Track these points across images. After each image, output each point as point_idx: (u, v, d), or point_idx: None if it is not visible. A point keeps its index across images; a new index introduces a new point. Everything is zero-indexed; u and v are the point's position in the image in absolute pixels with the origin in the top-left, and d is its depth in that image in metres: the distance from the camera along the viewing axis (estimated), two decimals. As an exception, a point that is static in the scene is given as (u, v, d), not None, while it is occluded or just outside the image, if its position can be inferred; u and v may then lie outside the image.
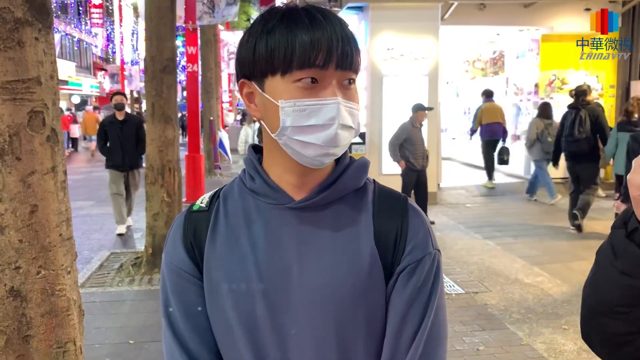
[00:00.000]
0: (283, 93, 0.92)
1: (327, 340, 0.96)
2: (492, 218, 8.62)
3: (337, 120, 0.91)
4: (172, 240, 1.04)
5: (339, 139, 0.92)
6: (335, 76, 0.92)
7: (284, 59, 0.90)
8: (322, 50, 0.90)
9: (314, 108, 0.91)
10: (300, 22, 0.91)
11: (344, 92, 0.94)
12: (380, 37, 9.54)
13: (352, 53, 0.93)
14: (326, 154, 0.93)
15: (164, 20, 5.95)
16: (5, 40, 1.93)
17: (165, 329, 1.01)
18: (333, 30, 0.91)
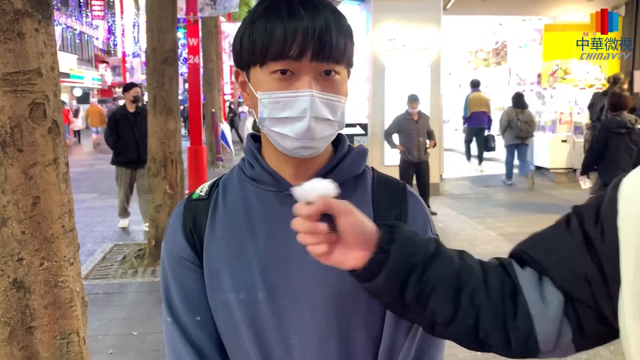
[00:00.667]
0: (262, 84, 0.93)
1: (327, 324, 0.97)
2: (495, 209, 8.62)
3: (309, 112, 0.90)
4: (172, 229, 1.05)
5: (313, 131, 0.91)
6: (311, 68, 0.91)
7: (261, 50, 0.91)
8: (295, 41, 0.89)
9: (288, 100, 0.91)
10: (279, 12, 0.90)
11: (323, 84, 0.92)
12: (381, 27, 9.50)
13: (333, 44, 0.91)
14: (303, 147, 0.93)
15: (165, 12, 5.93)
16: (5, 32, 1.92)
17: (166, 316, 1.02)
18: (311, 21, 0.89)
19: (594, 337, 0.85)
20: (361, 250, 0.85)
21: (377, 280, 0.86)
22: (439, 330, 0.89)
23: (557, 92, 10.93)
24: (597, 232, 0.80)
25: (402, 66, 9.53)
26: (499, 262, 0.92)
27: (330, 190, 0.84)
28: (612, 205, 0.78)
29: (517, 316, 0.85)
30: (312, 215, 0.82)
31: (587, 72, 10.98)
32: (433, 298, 0.86)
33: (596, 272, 0.80)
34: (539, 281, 0.87)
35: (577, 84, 10.93)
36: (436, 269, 0.87)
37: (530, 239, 0.91)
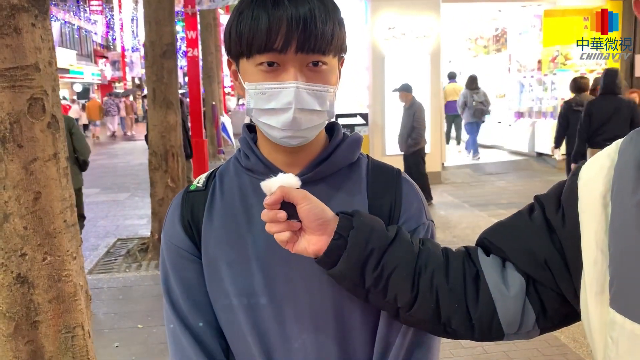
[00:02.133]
0: (250, 75, 0.94)
1: (324, 312, 0.98)
2: (497, 196, 8.62)
3: (294, 104, 0.90)
4: (170, 220, 1.06)
5: (298, 122, 0.92)
6: (296, 59, 0.91)
7: (247, 42, 0.91)
8: (279, 33, 0.88)
9: (273, 92, 0.92)
10: (265, 4, 0.90)
11: (309, 75, 0.92)
12: (380, 16, 9.46)
13: (318, 34, 0.90)
14: (290, 137, 0.94)
15: (163, 4, 5.91)
16: (1, 27, 1.92)
17: (167, 306, 1.03)
18: (295, 11, 0.88)
19: (557, 319, 0.87)
20: (322, 236, 0.90)
21: (338, 266, 0.90)
22: (403, 316, 0.93)
23: (557, 78, 10.89)
24: (558, 218, 0.83)
25: (402, 55, 9.50)
26: (465, 249, 0.96)
27: (292, 182, 0.90)
28: (572, 191, 0.81)
29: (479, 299, 0.88)
30: (272, 204, 0.88)
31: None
32: (392, 282, 0.90)
33: (557, 257, 0.83)
34: (502, 267, 0.90)
35: (577, 69, 10.88)
36: (394, 253, 0.90)
37: (494, 227, 0.95)
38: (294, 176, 0.91)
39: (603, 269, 0.74)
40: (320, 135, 1.02)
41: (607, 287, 0.73)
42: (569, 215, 0.81)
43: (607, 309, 0.72)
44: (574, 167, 0.84)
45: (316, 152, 1.02)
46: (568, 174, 0.87)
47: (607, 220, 0.74)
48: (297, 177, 0.91)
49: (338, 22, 0.94)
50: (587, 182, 0.79)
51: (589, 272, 0.76)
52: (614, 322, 0.70)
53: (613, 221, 0.74)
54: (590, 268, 0.75)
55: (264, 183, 0.90)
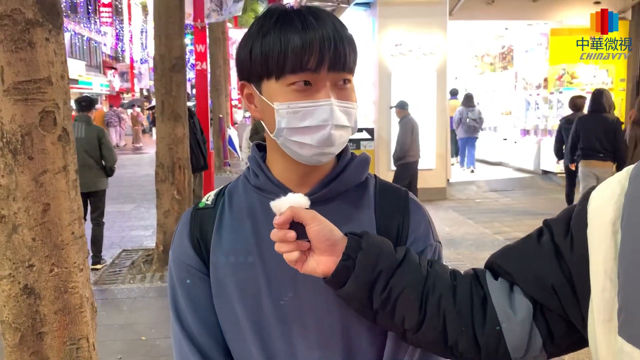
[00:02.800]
0: (278, 96, 0.94)
1: (332, 331, 0.99)
2: (502, 213, 8.59)
3: (331, 121, 0.93)
4: (179, 237, 1.06)
5: (333, 139, 0.94)
6: (328, 78, 0.93)
7: (277, 63, 0.92)
8: (313, 53, 0.91)
9: (308, 110, 0.93)
10: (292, 25, 0.92)
11: (338, 93, 0.95)
12: (388, 32, 9.52)
13: (346, 54, 0.94)
14: (322, 153, 0.96)
15: (173, 18, 5.98)
16: (16, 41, 1.96)
17: (174, 323, 1.04)
18: (325, 32, 0.92)
19: (564, 344, 0.87)
20: (330, 256, 0.91)
21: (347, 287, 0.90)
22: (410, 338, 0.93)
23: (563, 97, 10.89)
24: (566, 243, 0.83)
25: (408, 71, 9.55)
26: (474, 272, 0.95)
27: (302, 202, 0.91)
28: (581, 217, 0.81)
29: (486, 323, 0.88)
30: (281, 224, 0.89)
31: (594, 76, 10.94)
32: (399, 304, 0.90)
33: (565, 283, 0.82)
34: (510, 291, 0.89)
35: (584, 88, 10.89)
36: (402, 275, 0.91)
37: (502, 250, 0.94)
38: (304, 196, 0.91)
39: (612, 297, 0.73)
40: None
41: (616, 315, 0.72)
42: (578, 241, 0.80)
43: (615, 337, 0.71)
44: (584, 192, 0.84)
45: (325, 172, 1.03)
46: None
47: (616, 247, 0.74)
48: (306, 197, 0.92)
49: (355, 43, 0.98)
50: (597, 209, 0.78)
51: (597, 299, 0.75)
52: (622, 350, 0.70)
53: (623, 249, 0.73)
54: (599, 295, 0.75)
55: (273, 203, 0.91)
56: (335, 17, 0.98)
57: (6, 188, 2.02)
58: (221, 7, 10.13)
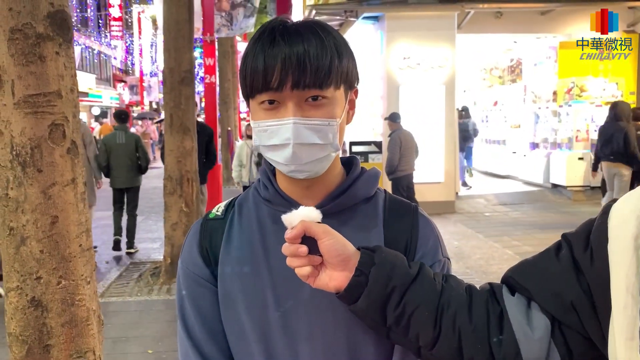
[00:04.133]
0: (255, 114, 0.98)
1: (338, 344, 0.99)
2: (511, 227, 8.54)
3: (292, 140, 0.93)
4: (188, 247, 1.07)
5: (298, 157, 0.94)
6: (293, 96, 0.92)
7: (250, 83, 0.94)
8: (275, 72, 0.91)
9: (273, 128, 0.94)
10: (265, 44, 0.93)
11: (308, 110, 0.94)
12: (396, 46, 9.55)
13: (315, 70, 0.91)
14: (295, 171, 0.96)
15: (182, 32, 6.03)
16: (27, 55, 1.97)
17: (181, 333, 1.04)
18: (291, 50, 0.91)
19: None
20: (343, 271, 0.89)
21: (360, 303, 0.89)
22: (425, 354, 0.91)
23: (573, 110, 10.87)
24: (586, 258, 0.81)
25: (417, 84, 9.56)
26: (490, 287, 0.93)
27: (313, 215, 0.90)
28: (601, 231, 0.78)
29: (503, 340, 0.85)
30: (293, 238, 0.88)
31: (603, 89, 10.91)
32: (414, 320, 0.88)
33: (584, 299, 0.80)
34: (527, 307, 0.87)
35: (593, 101, 10.86)
36: (416, 292, 0.89)
37: (519, 265, 0.92)
38: (315, 209, 0.91)
39: (634, 314, 0.71)
40: (336, 168, 1.04)
41: (638, 332, 0.70)
42: (598, 256, 0.78)
43: (637, 355, 0.70)
44: (604, 205, 0.82)
45: (333, 186, 1.03)
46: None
47: (638, 263, 0.72)
48: (318, 210, 0.91)
49: (339, 54, 0.95)
50: (618, 224, 0.76)
51: (618, 317, 0.73)
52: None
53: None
54: (620, 312, 0.73)
55: (285, 217, 0.90)
56: (324, 28, 0.96)
57: (15, 200, 2.03)
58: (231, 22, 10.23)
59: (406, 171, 7.98)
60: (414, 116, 9.38)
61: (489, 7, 10.09)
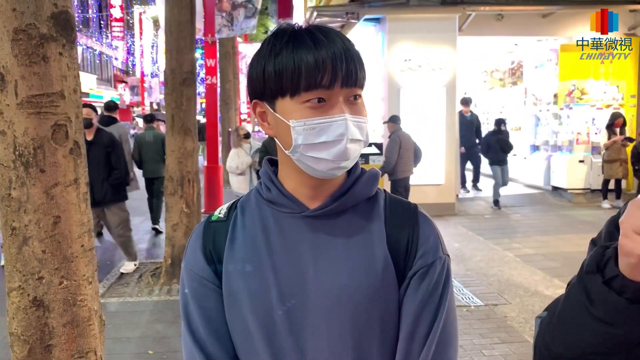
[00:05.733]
0: (293, 113, 0.96)
1: (343, 343, 1.00)
2: (512, 229, 8.54)
3: (347, 135, 0.95)
4: (192, 249, 1.08)
5: (349, 152, 0.96)
6: (341, 94, 0.96)
7: (292, 82, 0.94)
8: (327, 70, 0.93)
9: (324, 126, 0.95)
10: (304, 44, 0.94)
11: (351, 108, 0.97)
12: (397, 48, 9.56)
13: (357, 70, 0.96)
14: (337, 167, 0.98)
15: (184, 33, 6.03)
16: (30, 56, 1.98)
17: (186, 335, 1.04)
18: (336, 50, 0.94)
19: None
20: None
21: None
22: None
23: (573, 113, 10.87)
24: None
25: (418, 86, 9.57)
26: None
27: None
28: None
29: None
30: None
31: (604, 92, 10.91)
32: None
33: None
34: None
35: (594, 104, 10.86)
36: None
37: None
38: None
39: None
40: None
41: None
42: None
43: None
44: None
45: (336, 186, 1.05)
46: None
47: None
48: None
49: (362, 59, 1.00)
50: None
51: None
52: None
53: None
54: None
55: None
56: (343, 35, 1.00)
57: (17, 200, 2.04)
58: (232, 22, 10.23)
59: (404, 174, 7.96)
60: (415, 118, 9.38)
61: (490, 10, 10.09)
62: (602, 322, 0.66)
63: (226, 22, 10.45)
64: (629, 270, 0.64)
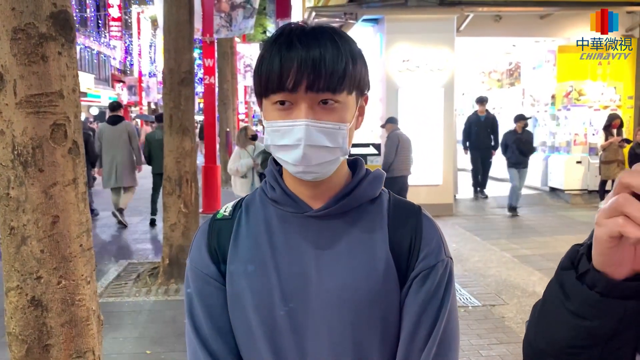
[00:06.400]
0: (268, 113, 0.99)
1: (343, 342, 1.00)
2: (509, 230, 8.55)
3: (304, 141, 0.95)
4: (197, 247, 1.09)
5: (308, 158, 0.96)
6: (307, 98, 0.95)
7: (266, 82, 0.96)
8: (290, 74, 0.93)
9: (285, 129, 0.96)
10: (282, 46, 0.95)
11: (320, 113, 0.96)
12: (395, 48, 9.56)
13: (327, 74, 0.93)
14: (304, 172, 0.98)
15: (182, 33, 6.03)
16: (29, 55, 1.98)
17: (190, 331, 1.05)
18: (306, 54, 0.93)
19: None
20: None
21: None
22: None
23: (571, 114, 10.89)
24: None
25: (416, 87, 9.57)
26: None
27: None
28: None
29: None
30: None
31: (601, 93, 10.93)
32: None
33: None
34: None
35: (591, 105, 10.89)
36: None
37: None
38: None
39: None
40: (342, 170, 1.06)
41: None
42: None
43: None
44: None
45: (339, 187, 1.05)
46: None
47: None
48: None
49: (353, 61, 0.97)
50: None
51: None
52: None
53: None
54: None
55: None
56: (340, 35, 0.99)
57: (16, 200, 2.03)
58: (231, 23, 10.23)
59: (400, 172, 7.95)
60: (413, 118, 9.39)
61: (488, 11, 10.11)
62: (577, 315, 0.68)
63: (225, 23, 10.45)
64: (598, 258, 0.66)
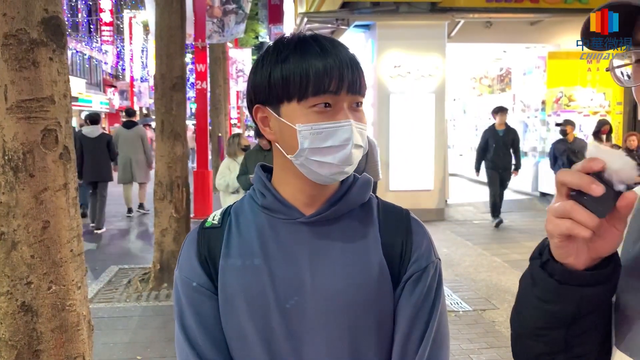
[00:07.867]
0: (300, 117, 0.98)
1: (340, 347, 1.01)
2: (500, 235, 8.59)
3: (352, 140, 0.98)
4: (186, 256, 1.07)
5: (352, 157, 0.99)
6: (346, 100, 0.99)
7: (300, 86, 0.96)
8: (334, 76, 0.96)
9: (330, 130, 0.97)
10: (312, 50, 0.97)
11: (354, 114, 1.00)
12: (387, 54, 9.61)
13: (360, 78, 1.00)
14: (340, 172, 1.00)
15: (174, 38, 6.03)
16: (20, 60, 1.99)
17: (182, 342, 1.03)
18: (343, 58, 0.98)
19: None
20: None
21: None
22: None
23: (561, 119, 10.98)
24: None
25: (407, 93, 9.62)
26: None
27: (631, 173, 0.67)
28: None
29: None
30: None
31: (591, 99, 11.04)
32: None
33: None
34: None
35: (581, 110, 10.98)
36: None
37: None
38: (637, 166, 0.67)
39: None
40: None
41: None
42: None
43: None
44: None
45: (330, 192, 1.06)
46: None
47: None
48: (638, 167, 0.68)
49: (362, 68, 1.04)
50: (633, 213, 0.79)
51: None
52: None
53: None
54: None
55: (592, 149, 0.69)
56: (345, 45, 1.04)
57: (6, 205, 2.03)
58: (223, 28, 10.25)
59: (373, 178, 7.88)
60: (404, 124, 9.43)
61: (479, 17, 10.18)
62: (541, 300, 0.76)
63: (217, 28, 10.48)
64: (556, 251, 0.73)
